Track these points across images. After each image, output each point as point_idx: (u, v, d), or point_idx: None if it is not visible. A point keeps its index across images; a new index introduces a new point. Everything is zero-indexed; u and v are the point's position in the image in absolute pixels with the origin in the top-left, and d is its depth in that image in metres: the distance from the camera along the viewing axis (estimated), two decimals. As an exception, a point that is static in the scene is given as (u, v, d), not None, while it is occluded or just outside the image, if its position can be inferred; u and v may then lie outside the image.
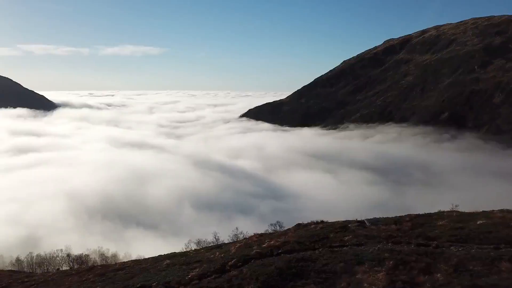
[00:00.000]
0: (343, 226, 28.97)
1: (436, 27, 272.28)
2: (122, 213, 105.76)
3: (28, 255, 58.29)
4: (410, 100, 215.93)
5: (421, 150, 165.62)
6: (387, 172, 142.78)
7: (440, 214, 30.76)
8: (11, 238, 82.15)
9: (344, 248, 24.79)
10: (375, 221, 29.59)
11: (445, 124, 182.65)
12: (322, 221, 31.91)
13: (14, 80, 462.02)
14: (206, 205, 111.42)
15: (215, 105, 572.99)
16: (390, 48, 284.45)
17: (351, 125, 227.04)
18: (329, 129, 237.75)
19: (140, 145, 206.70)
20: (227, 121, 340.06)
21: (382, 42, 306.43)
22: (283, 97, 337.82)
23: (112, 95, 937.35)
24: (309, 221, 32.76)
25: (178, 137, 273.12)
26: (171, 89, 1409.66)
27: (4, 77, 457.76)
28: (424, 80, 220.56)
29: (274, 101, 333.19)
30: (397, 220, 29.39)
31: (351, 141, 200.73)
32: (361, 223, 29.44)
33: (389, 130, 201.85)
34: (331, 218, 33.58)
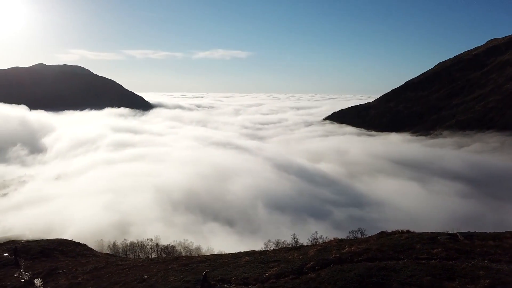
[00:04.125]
0: (432, 238, 26.84)
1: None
2: (202, 207, 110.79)
3: (123, 241, 64.09)
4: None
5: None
6: (484, 184, 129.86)
7: (550, 234, 27.00)
8: (107, 223, 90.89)
9: (432, 261, 22.96)
10: (469, 235, 26.93)
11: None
12: (407, 231, 29.94)
13: (117, 82, 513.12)
14: (281, 207, 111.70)
15: (298, 108, 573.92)
16: (494, 49, 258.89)
17: (445, 132, 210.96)
18: (419, 135, 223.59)
19: (224, 145, 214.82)
20: (309, 124, 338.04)
21: (484, 43, 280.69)
22: (370, 100, 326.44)
23: (202, 97, 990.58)
24: (393, 230, 30.99)
25: (260, 138, 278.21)
26: (256, 92, 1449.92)
27: (110, 79, 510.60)
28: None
29: (360, 105, 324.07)
30: (496, 236, 26.42)
31: (443, 149, 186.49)
32: (452, 236, 27.00)
33: (489, 139, 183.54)
34: (417, 229, 31.47)
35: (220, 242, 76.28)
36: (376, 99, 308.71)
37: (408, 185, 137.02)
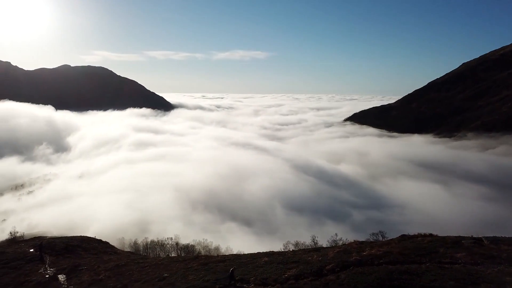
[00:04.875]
0: (456, 242, 26.25)
1: None
2: (221, 207, 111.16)
3: (144, 239, 65.00)
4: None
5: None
6: (511, 188, 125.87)
7: None
8: (128, 221, 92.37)
9: (456, 265, 22.44)
10: (495, 240, 26.18)
11: None
12: (430, 234, 29.38)
13: (139, 82, 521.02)
14: (300, 208, 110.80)
15: (318, 109, 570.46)
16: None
17: (469, 134, 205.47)
18: (443, 137, 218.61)
19: (244, 145, 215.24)
20: (329, 125, 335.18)
21: (511, 42, 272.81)
22: (392, 101, 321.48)
23: (222, 98, 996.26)
24: (416, 233, 30.42)
25: (279, 139, 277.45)
26: (276, 93, 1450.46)
27: (132, 80, 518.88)
28: None
29: (381, 105, 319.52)
30: (524, 242, 25.60)
31: (467, 151, 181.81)
32: (477, 240, 26.32)
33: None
34: (440, 233, 30.79)
35: (238, 242, 76.41)
36: (398, 100, 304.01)
37: (431, 188, 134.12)
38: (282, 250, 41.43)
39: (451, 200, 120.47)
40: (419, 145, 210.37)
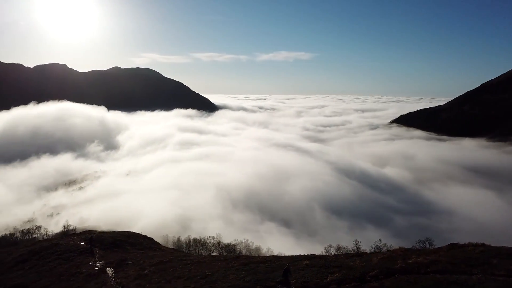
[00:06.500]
0: (511, 253, 24.64)
1: None
2: (261, 207, 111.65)
3: (186, 237, 66.54)
4: None
5: None
6: None
7: None
8: (172, 218, 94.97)
9: (511, 278, 21.06)
10: (556, 253, 24.31)
11: None
12: (482, 244, 27.77)
13: (185, 84, 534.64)
14: (339, 211, 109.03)
15: (363, 110, 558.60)
16: None
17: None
18: (497, 141, 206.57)
19: (285, 147, 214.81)
20: (374, 127, 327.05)
21: None
22: (442, 103, 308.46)
23: (264, 99, 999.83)
24: (466, 242, 28.89)
25: (322, 141, 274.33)
26: (319, 94, 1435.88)
27: (178, 81, 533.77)
28: None
29: (430, 107, 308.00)
30: None
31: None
32: (536, 253, 24.56)
33: None
34: (494, 243, 29.04)
35: (277, 242, 76.37)
36: (449, 101, 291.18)
37: (483, 195, 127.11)
38: (324, 253, 40.81)
39: (506, 208, 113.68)
40: (470, 149, 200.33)
